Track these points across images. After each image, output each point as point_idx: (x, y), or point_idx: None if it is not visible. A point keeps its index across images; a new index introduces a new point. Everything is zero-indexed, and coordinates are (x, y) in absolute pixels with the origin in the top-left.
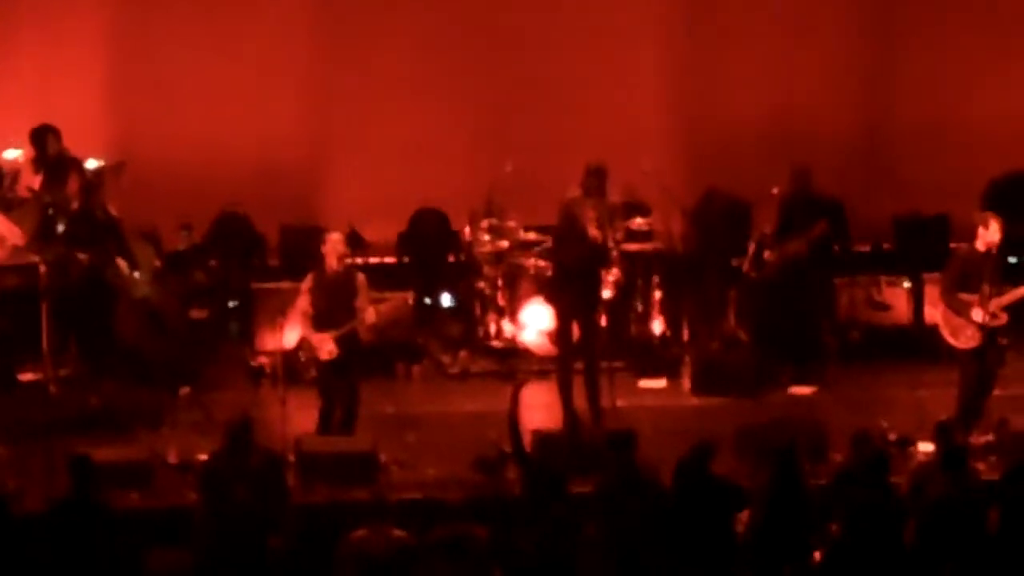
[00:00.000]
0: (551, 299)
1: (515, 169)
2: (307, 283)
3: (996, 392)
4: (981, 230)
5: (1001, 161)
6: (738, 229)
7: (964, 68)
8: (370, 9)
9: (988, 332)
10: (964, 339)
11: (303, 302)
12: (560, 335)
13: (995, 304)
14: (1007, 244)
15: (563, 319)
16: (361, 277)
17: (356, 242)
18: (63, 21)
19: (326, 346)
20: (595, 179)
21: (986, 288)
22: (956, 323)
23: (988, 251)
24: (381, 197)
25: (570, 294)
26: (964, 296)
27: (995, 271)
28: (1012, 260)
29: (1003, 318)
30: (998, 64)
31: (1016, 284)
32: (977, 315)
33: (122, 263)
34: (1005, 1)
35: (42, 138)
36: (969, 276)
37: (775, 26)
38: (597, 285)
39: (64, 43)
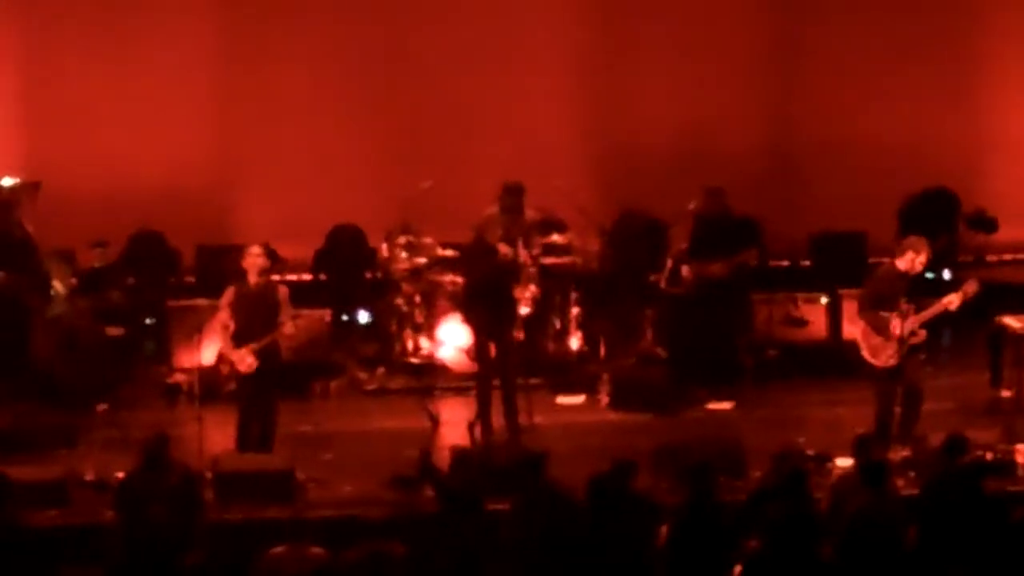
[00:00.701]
0: (465, 317)
1: (432, 186)
2: (227, 297)
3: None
4: (911, 254)
5: (913, 178)
6: (654, 247)
7: (875, 88)
8: (282, 28)
9: (907, 349)
10: (883, 358)
11: (223, 316)
12: (477, 353)
13: (914, 320)
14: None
15: (479, 336)
16: (283, 290)
17: (272, 259)
18: None
19: (246, 359)
20: (512, 197)
21: (904, 305)
22: (875, 342)
23: (907, 272)
24: (297, 214)
25: (482, 311)
26: (883, 314)
27: (913, 288)
28: (929, 275)
29: (922, 335)
30: (907, 85)
31: (933, 300)
32: (897, 328)
33: (58, 284)
34: (913, 23)
35: None
36: (888, 293)
37: (687, 46)
38: (510, 302)
39: None
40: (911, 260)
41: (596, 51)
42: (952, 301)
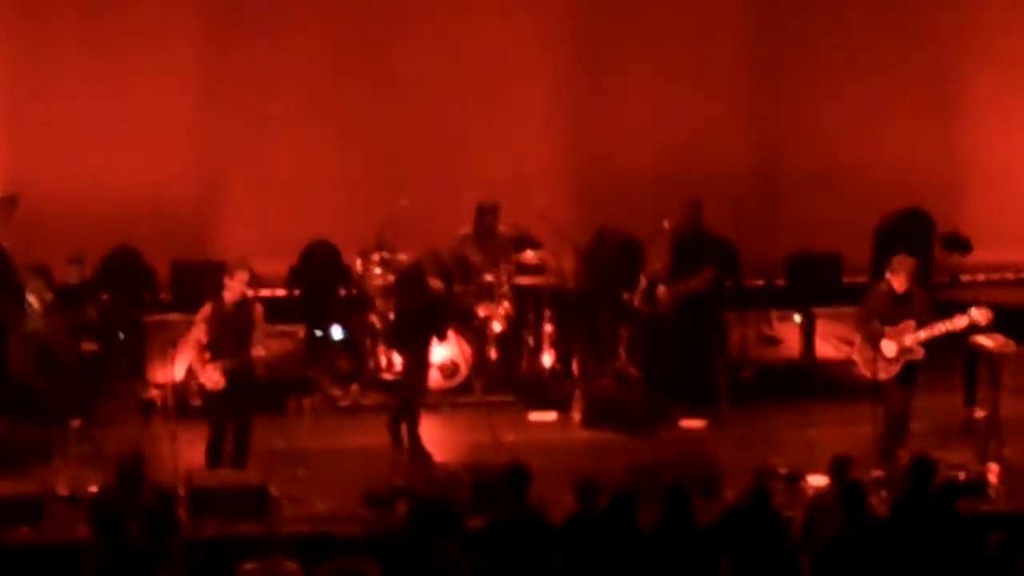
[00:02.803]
0: (392, 343)
1: (408, 205)
2: (204, 313)
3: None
4: (888, 272)
5: (890, 200)
6: (629, 266)
7: (853, 111)
8: (261, 45)
9: (901, 365)
10: (875, 371)
11: (198, 331)
12: (407, 378)
13: (913, 338)
14: None
15: (407, 362)
16: (259, 310)
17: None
18: None
19: (213, 376)
20: (487, 218)
21: (903, 323)
22: (867, 355)
23: (907, 290)
24: (273, 231)
25: (407, 341)
26: (877, 327)
27: (921, 307)
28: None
29: (919, 353)
30: (885, 108)
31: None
32: (888, 348)
33: (32, 297)
34: (892, 48)
35: None
36: (877, 309)
37: (667, 66)
38: (433, 333)
39: None
40: (893, 279)
41: (576, 71)
42: (961, 323)
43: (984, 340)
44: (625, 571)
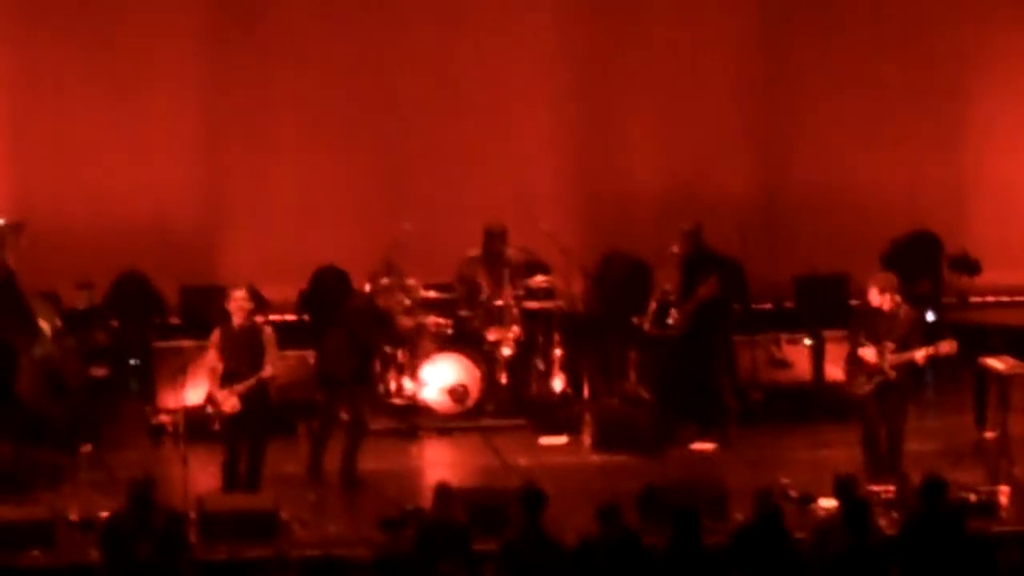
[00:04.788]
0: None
1: (414, 228)
2: (214, 338)
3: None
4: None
5: (898, 222)
6: (638, 289)
7: (860, 132)
8: (267, 68)
9: (875, 384)
10: (854, 387)
11: (211, 357)
12: (324, 391)
13: (889, 360)
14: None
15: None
16: (268, 331)
17: (258, 302)
18: None
19: (229, 400)
20: (494, 241)
21: (886, 342)
22: (848, 370)
23: (894, 309)
24: (280, 256)
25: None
26: (863, 342)
27: (905, 328)
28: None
29: (891, 375)
30: (892, 129)
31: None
32: (868, 354)
33: (44, 325)
34: (898, 70)
35: None
36: (863, 327)
37: (673, 88)
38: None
39: None
40: (872, 295)
41: (582, 93)
42: (920, 355)
43: (994, 362)
44: None
